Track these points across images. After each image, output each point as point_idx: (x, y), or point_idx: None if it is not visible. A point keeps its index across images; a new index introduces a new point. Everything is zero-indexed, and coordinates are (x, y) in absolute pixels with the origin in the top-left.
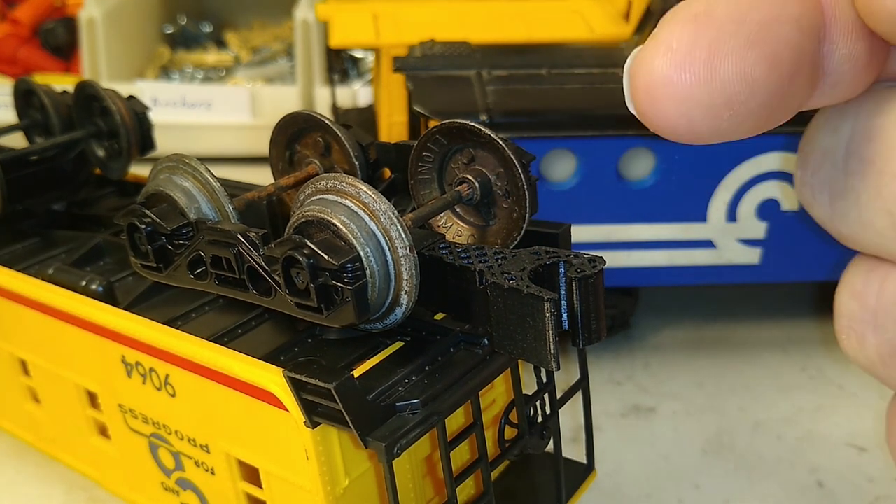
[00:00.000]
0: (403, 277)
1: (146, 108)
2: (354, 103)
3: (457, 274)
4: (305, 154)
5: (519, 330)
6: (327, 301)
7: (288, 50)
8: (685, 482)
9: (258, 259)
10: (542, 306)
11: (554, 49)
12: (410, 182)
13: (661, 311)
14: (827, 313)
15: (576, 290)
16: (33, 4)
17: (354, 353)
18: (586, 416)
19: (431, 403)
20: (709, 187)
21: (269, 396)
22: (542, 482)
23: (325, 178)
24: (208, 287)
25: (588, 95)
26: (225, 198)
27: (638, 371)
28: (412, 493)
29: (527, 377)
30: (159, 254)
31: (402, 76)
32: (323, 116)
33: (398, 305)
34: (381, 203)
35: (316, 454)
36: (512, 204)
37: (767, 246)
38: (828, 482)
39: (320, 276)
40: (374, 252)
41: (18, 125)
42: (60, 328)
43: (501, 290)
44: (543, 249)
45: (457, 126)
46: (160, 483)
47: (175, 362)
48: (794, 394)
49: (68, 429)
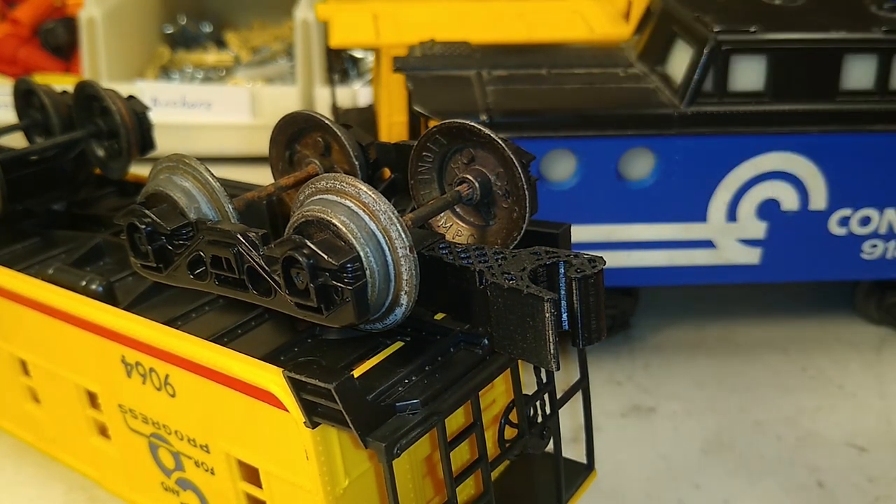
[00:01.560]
0: (403, 278)
1: (146, 108)
2: (354, 103)
3: (457, 274)
4: (305, 154)
5: (519, 330)
6: (327, 301)
7: (288, 50)
8: (685, 482)
9: (258, 259)
10: (542, 306)
11: (554, 49)
12: (410, 182)
13: (661, 311)
14: (827, 313)
15: (576, 290)
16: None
17: (354, 353)
18: (586, 416)
19: (431, 403)
20: (709, 187)
21: (268, 396)
22: (542, 482)
23: (325, 178)
24: (208, 287)
25: (588, 95)
26: (225, 198)
27: (638, 371)
28: (412, 493)
29: (527, 377)
30: (159, 254)
31: (402, 76)
32: (323, 116)
33: (398, 305)
34: (380, 203)
35: (316, 454)
36: (512, 204)
37: (767, 246)
38: (828, 482)
39: (320, 276)
40: (374, 252)
41: (18, 125)
42: (60, 328)
43: (501, 290)
44: (543, 249)
45: (457, 126)
46: (160, 483)
47: (175, 362)
48: (794, 394)
49: (68, 429)
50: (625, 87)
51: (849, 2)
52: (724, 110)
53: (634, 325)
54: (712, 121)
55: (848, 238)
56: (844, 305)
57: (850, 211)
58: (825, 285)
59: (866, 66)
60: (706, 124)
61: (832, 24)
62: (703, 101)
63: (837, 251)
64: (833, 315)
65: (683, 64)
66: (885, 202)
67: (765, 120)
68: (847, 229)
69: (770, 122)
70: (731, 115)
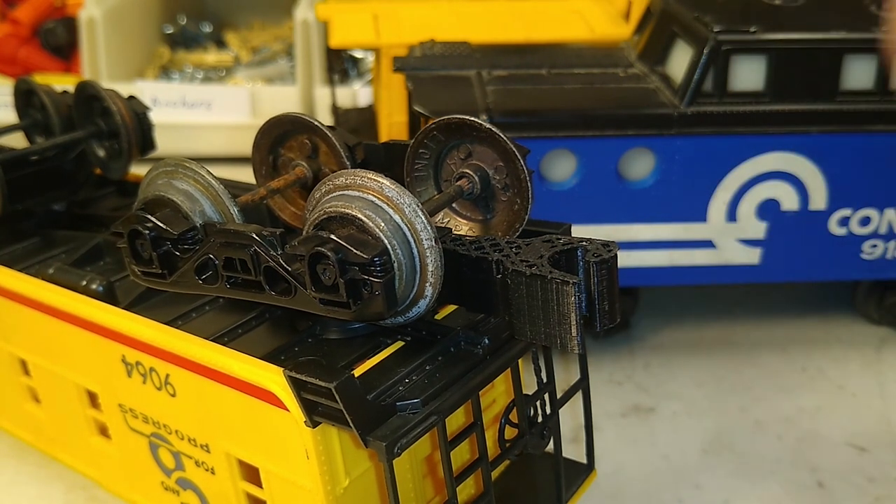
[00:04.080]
0: (429, 269)
1: (146, 108)
2: (354, 103)
3: (472, 265)
4: (291, 157)
5: (542, 315)
6: (356, 295)
7: (288, 50)
8: (685, 482)
9: (277, 258)
10: (569, 290)
11: (554, 49)
12: (407, 179)
13: (661, 311)
14: (827, 313)
15: (594, 274)
16: (33, 4)
17: (355, 352)
18: (586, 416)
19: (432, 403)
20: (709, 187)
21: (269, 396)
22: (542, 482)
23: (343, 174)
24: (218, 291)
25: (588, 95)
26: (229, 200)
27: (638, 371)
28: (412, 493)
29: (527, 377)
30: (164, 260)
31: (402, 76)
32: (310, 118)
33: (423, 298)
34: (404, 196)
35: (316, 454)
36: (512, 196)
37: (767, 246)
38: (828, 482)
39: (349, 270)
40: (401, 245)
41: (18, 125)
42: (60, 328)
43: (524, 277)
44: (555, 236)
45: (456, 121)
46: (160, 483)
47: (175, 362)
48: (794, 394)
49: (68, 429)
50: (625, 87)
51: (849, 2)
52: (724, 110)
53: (634, 325)
54: (712, 121)
55: (848, 238)
56: (844, 305)
57: (850, 211)
58: (825, 285)
59: (866, 66)
60: (706, 124)
61: (832, 24)
62: (703, 101)
63: (837, 251)
64: (833, 315)
65: (683, 64)
66: (885, 202)
67: (765, 120)
68: (847, 229)
69: (770, 122)
70: (731, 115)
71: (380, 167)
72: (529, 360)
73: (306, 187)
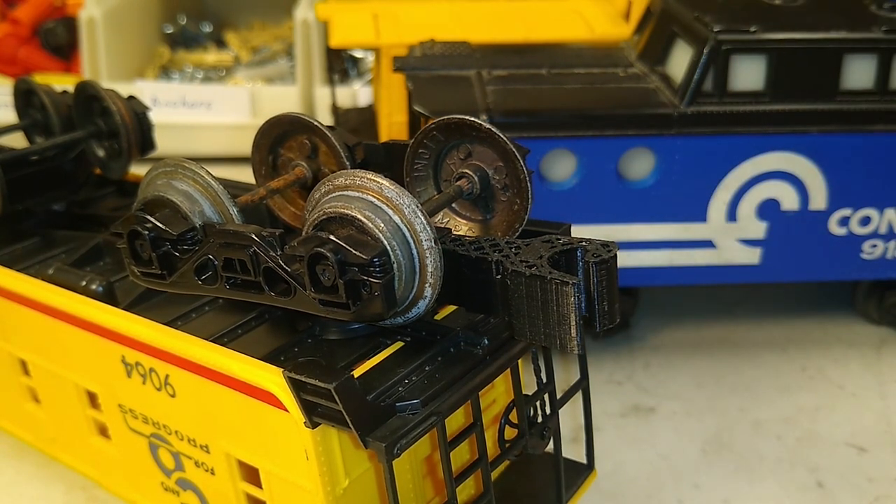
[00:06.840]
0: (428, 270)
1: (146, 109)
2: (354, 103)
3: (472, 265)
4: (290, 157)
5: (542, 316)
6: (355, 296)
7: (288, 50)
8: (685, 482)
9: (276, 259)
10: (569, 291)
11: (554, 49)
12: (406, 179)
13: (661, 311)
14: (827, 313)
15: (594, 275)
16: (33, 4)
17: (354, 353)
18: (586, 416)
19: (431, 403)
20: (709, 187)
21: (268, 396)
22: (542, 482)
23: (342, 175)
24: (218, 292)
25: (588, 95)
26: (229, 200)
27: (638, 371)
28: (412, 494)
29: (527, 377)
30: (163, 260)
31: (402, 76)
32: (309, 118)
33: (422, 298)
34: (403, 197)
35: (316, 454)
36: (512, 196)
37: (767, 246)
38: (828, 482)
39: (348, 271)
40: (401, 245)
41: (18, 125)
42: (60, 328)
43: (523, 277)
44: (555, 236)
45: (456, 121)
46: (160, 483)
47: (175, 362)
48: (794, 394)
49: (68, 429)
50: (625, 86)
51: (849, 2)
52: (724, 110)
53: (634, 325)
54: (712, 121)
55: (848, 238)
56: (844, 305)
57: (850, 211)
58: (825, 285)
59: (866, 66)
60: (706, 124)
61: (832, 23)
62: (703, 101)
63: (837, 251)
64: (833, 315)
65: (683, 64)
66: (885, 202)
67: (765, 120)
68: (847, 229)
69: (770, 122)
70: (731, 115)
71: (379, 167)
72: (529, 361)
73: (306, 187)
